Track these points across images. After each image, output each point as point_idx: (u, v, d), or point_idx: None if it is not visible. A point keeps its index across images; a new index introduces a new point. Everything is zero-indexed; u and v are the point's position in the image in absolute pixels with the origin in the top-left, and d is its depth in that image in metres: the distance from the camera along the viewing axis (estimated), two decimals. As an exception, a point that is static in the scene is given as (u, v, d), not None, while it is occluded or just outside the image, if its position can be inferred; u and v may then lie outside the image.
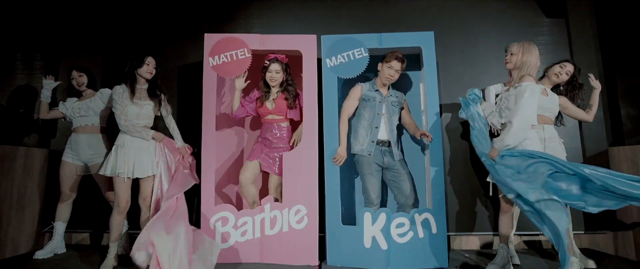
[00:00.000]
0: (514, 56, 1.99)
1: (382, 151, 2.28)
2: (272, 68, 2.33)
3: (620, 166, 2.56)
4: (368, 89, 2.34)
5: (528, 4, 2.98)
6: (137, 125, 2.17)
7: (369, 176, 2.25)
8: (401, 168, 2.30)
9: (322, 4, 3.04)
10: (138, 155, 2.12)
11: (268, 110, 2.37)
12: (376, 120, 2.28)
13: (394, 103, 2.35)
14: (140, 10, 3.09)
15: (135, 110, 2.17)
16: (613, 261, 2.31)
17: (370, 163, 2.25)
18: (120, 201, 2.12)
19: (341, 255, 2.19)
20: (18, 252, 2.50)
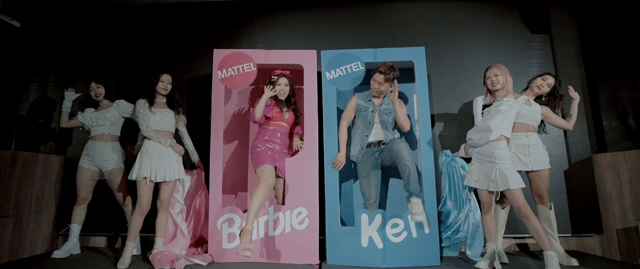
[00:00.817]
0: (500, 77, 2.16)
1: (375, 151, 2.42)
2: (281, 82, 2.48)
3: (603, 172, 2.72)
4: (362, 99, 2.49)
5: (514, 21, 3.19)
6: (163, 131, 2.38)
7: (363, 179, 2.43)
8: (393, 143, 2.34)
9: (322, 20, 3.25)
10: (160, 161, 2.31)
11: (282, 116, 2.51)
12: (368, 129, 2.42)
13: (385, 112, 2.46)
14: (151, 25, 3.30)
15: (157, 118, 2.38)
16: (599, 262, 2.44)
17: (364, 167, 2.42)
18: (142, 204, 2.29)
19: (340, 255, 2.33)
20: (35, 252, 2.65)
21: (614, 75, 2.98)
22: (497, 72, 2.17)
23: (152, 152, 2.31)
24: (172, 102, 2.50)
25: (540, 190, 2.36)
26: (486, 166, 2.10)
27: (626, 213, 2.50)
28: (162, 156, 2.32)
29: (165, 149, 2.35)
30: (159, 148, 2.34)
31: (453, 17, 3.22)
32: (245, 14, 3.30)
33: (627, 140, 2.87)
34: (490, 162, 2.08)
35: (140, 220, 2.33)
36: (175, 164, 2.38)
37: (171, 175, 2.33)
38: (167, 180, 2.33)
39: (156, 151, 2.32)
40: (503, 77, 2.16)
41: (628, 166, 2.51)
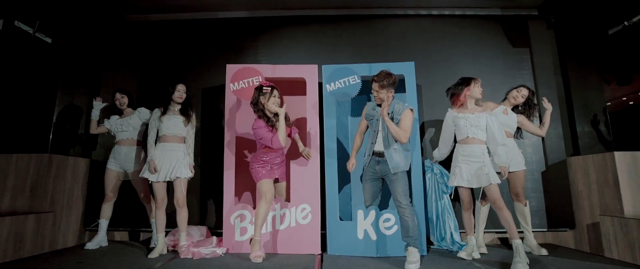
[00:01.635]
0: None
1: (377, 161, 2.47)
2: (276, 93, 2.56)
3: (576, 173, 3.04)
4: (370, 108, 2.58)
5: (497, 36, 3.50)
6: (170, 135, 2.65)
7: (364, 183, 2.60)
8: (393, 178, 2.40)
9: (322, 35, 3.56)
10: (170, 163, 2.59)
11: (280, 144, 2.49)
12: (373, 136, 2.50)
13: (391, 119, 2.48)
14: (166, 40, 3.62)
15: (167, 124, 2.65)
16: (568, 253, 2.74)
17: (367, 172, 2.55)
18: (157, 200, 2.61)
19: (339, 246, 2.64)
20: (67, 245, 2.97)
21: (587, 85, 3.27)
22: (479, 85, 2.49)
23: (164, 154, 2.60)
24: (185, 109, 2.76)
25: (517, 188, 2.67)
26: (473, 166, 2.38)
27: (594, 210, 2.81)
28: (170, 158, 2.60)
29: (172, 151, 2.62)
30: (166, 150, 2.61)
31: (442, 31, 3.54)
32: (251, 29, 3.61)
33: (599, 144, 3.17)
34: (478, 162, 2.37)
35: (161, 213, 2.61)
36: (182, 163, 2.63)
37: (176, 174, 2.58)
38: (173, 178, 2.58)
39: (165, 154, 2.60)
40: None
41: (595, 168, 2.82)
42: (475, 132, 2.40)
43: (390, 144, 2.43)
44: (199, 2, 3.54)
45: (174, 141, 2.65)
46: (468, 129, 2.43)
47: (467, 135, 2.42)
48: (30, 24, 3.00)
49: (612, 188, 2.64)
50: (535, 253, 2.59)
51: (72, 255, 2.60)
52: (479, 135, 2.40)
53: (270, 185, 2.50)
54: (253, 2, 3.54)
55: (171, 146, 2.63)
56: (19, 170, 2.80)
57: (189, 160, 2.70)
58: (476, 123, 2.41)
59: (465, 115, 2.45)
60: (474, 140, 2.41)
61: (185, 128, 2.72)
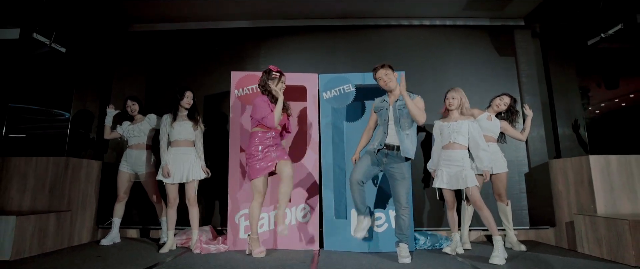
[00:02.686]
0: (455, 100, 2.65)
1: (386, 154, 2.51)
2: (283, 79, 2.69)
3: (557, 174, 3.26)
4: (379, 101, 2.67)
5: (485, 45, 3.71)
6: (181, 140, 2.85)
7: (359, 162, 2.59)
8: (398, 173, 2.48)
9: (320, 45, 3.77)
10: (182, 165, 2.80)
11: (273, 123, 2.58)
12: (384, 127, 2.57)
13: (400, 108, 2.54)
14: (172, 49, 3.83)
15: (178, 129, 2.85)
16: (549, 249, 2.96)
17: (369, 154, 2.57)
18: (169, 199, 2.82)
19: (335, 242, 2.86)
20: (82, 241, 3.20)
21: (568, 91, 3.47)
22: (454, 95, 2.66)
23: (173, 159, 2.80)
24: (192, 114, 2.96)
25: (500, 189, 2.89)
26: (454, 169, 2.58)
27: (572, 209, 3.03)
28: (183, 161, 2.81)
29: (185, 154, 2.83)
30: (179, 154, 2.82)
31: (432, 41, 3.75)
32: (253, 39, 3.81)
33: (579, 147, 3.39)
34: (458, 166, 2.57)
35: (172, 212, 2.82)
36: (194, 167, 2.83)
37: (190, 176, 2.80)
38: (188, 180, 2.80)
39: (178, 158, 2.81)
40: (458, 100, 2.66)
41: (573, 170, 3.04)
42: (456, 137, 2.60)
43: (403, 128, 2.50)
44: (203, 13, 3.74)
45: (185, 145, 2.86)
46: (450, 135, 2.63)
47: (449, 141, 2.62)
48: (47, 35, 3.21)
49: (587, 189, 2.86)
50: (516, 249, 2.82)
51: (90, 250, 2.83)
52: (459, 140, 2.59)
53: (261, 183, 2.58)
54: (255, 12, 3.74)
55: (183, 150, 2.84)
56: (38, 172, 3.02)
57: (201, 163, 2.90)
58: (457, 129, 2.61)
59: (448, 124, 2.67)
60: (454, 145, 2.60)
61: (195, 132, 2.91)
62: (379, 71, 2.58)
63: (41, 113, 3.30)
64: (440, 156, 2.69)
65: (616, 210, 2.76)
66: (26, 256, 2.55)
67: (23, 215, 2.55)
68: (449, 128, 2.64)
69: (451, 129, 2.64)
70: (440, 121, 2.75)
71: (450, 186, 2.61)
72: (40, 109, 3.30)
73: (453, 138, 2.61)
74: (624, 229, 2.33)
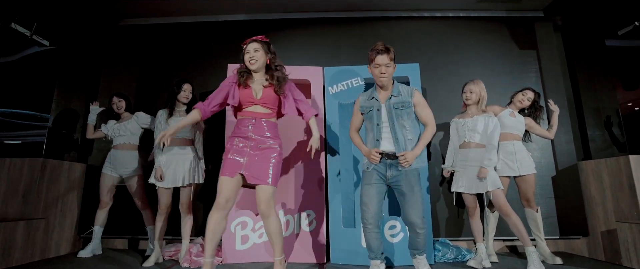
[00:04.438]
0: (473, 93, 2.43)
1: (388, 165, 1.99)
2: (250, 48, 1.96)
3: (588, 178, 2.93)
4: (365, 99, 2.11)
5: (503, 38, 3.43)
6: (177, 138, 2.50)
7: (367, 188, 1.99)
8: (405, 185, 1.95)
9: (325, 37, 3.50)
10: (176, 167, 2.47)
11: (252, 98, 1.93)
12: (377, 132, 2.01)
13: (397, 105, 2.00)
14: (166, 43, 3.57)
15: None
16: (584, 262, 2.62)
17: (371, 174, 2.01)
18: (160, 206, 2.49)
19: (342, 254, 2.52)
20: (60, 253, 2.86)
21: (596, 87, 3.19)
22: (472, 89, 2.43)
23: (168, 161, 2.48)
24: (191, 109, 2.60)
25: (527, 193, 2.56)
26: (473, 171, 2.33)
27: (608, 216, 2.69)
28: (179, 162, 2.48)
29: (181, 155, 2.50)
30: (174, 155, 2.49)
31: (446, 34, 3.47)
32: (251, 32, 3.51)
33: (612, 147, 3.07)
34: (475, 167, 2.32)
35: (161, 220, 2.49)
36: (192, 169, 2.51)
37: (187, 179, 2.48)
38: (183, 185, 2.48)
39: (173, 159, 2.49)
40: (476, 94, 2.42)
41: (609, 172, 2.71)
42: (472, 135, 2.39)
43: (401, 134, 1.96)
44: (199, 6, 3.49)
45: (182, 144, 2.53)
46: (465, 133, 2.42)
47: (464, 140, 2.42)
48: (28, 26, 2.95)
49: (628, 193, 2.52)
50: (549, 262, 2.47)
51: (63, 264, 2.49)
52: (475, 138, 2.38)
53: (227, 187, 1.82)
54: (252, 5, 3.49)
55: (179, 150, 2.51)
56: (12, 175, 2.70)
57: (202, 165, 2.62)
58: (472, 126, 2.40)
59: (464, 120, 2.46)
60: (470, 145, 2.39)
61: (193, 130, 2.61)
62: (381, 56, 1.95)
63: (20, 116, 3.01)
64: (456, 157, 2.46)
65: (664, 217, 2.43)
66: (-14, 271, 2.22)
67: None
68: (464, 126, 2.42)
69: (466, 127, 2.42)
70: (457, 117, 2.54)
71: (469, 190, 2.35)
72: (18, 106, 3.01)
73: (468, 137, 2.40)
74: (683, 239, 1.99)
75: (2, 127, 2.96)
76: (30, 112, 3.03)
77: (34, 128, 3.02)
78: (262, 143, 1.91)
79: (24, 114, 3.03)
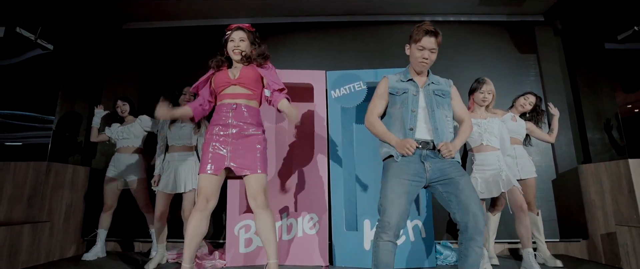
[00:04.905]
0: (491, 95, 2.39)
1: (424, 156, 1.63)
2: (234, 36, 1.83)
3: (588, 181, 2.95)
4: (397, 80, 1.78)
5: (504, 42, 3.46)
6: (179, 146, 2.53)
7: (394, 182, 1.57)
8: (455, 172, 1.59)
9: (328, 41, 3.53)
10: (178, 172, 2.45)
11: (228, 78, 1.78)
12: (411, 120, 1.67)
13: (437, 93, 1.73)
14: (168, 46, 3.60)
15: (176, 133, 2.54)
16: (584, 265, 2.64)
17: (402, 168, 1.60)
18: (157, 211, 2.44)
19: (345, 257, 2.54)
20: (64, 256, 2.88)
21: (596, 91, 3.22)
22: (491, 89, 2.38)
23: (171, 165, 2.47)
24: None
25: (528, 197, 2.58)
26: (488, 174, 2.27)
27: (608, 219, 2.72)
28: (180, 168, 2.45)
29: (182, 160, 2.47)
30: (179, 160, 2.49)
31: (447, 38, 3.44)
32: (257, 35, 3.58)
33: (612, 151, 3.10)
34: (493, 170, 2.27)
35: (159, 226, 2.45)
36: (194, 175, 2.44)
37: (188, 185, 2.43)
38: (184, 191, 2.43)
39: (175, 164, 2.48)
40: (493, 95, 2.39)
41: (608, 175, 2.74)
42: (489, 138, 2.31)
43: (442, 124, 1.66)
44: (200, 9, 3.52)
45: (182, 150, 2.53)
46: (482, 136, 2.32)
47: (481, 143, 2.32)
48: (33, 30, 2.97)
49: (628, 197, 2.55)
50: (550, 265, 2.49)
51: (67, 267, 2.51)
52: (492, 142, 2.30)
53: (204, 183, 1.69)
54: (256, 8, 3.52)
55: (179, 157, 2.50)
56: (17, 179, 2.73)
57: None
58: (489, 129, 2.32)
59: (477, 121, 2.35)
60: (486, 148, 2.31)
61: (195, 137, 2.56)
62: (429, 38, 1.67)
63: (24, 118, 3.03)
64: (471, 161, 2.37)
65: (663, 221, 2.45)
66: (-6, 274, 2.24)
67: (-8, 227, 2.25)
68: (479, 127, 2.31)
69: (482, 128, 2.30)
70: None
71: (489, 195, 2.26)
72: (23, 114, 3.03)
73: (486, 140, 2.30)
74: (682, 243, 2.02)
75: (4, 129, 2.97)
76: (31, 113, 3.05)
77: (34, 129, 3.04)
78: (244, 130, 1.74)
79: (25, 116, 3.05)
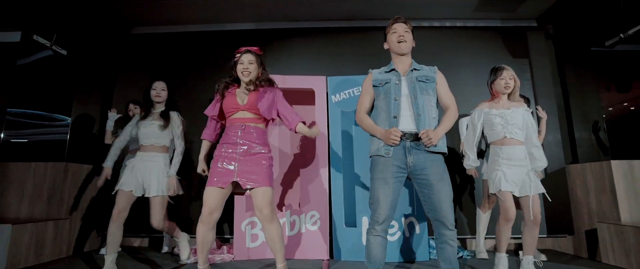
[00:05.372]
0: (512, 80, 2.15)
1: (407, 148, 1.67)
2: (244, 59, 1.95)
3: (575, 180, 3.13)
4: (380, 72, 1.85)
5: (497, 47, 3.61)
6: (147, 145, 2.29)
7: (380, 183, 1.66)
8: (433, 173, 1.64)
9: (327, 47, 3.68)
10: (143, 175, 2.22)
11: (237, 104, 1.90)
12: (394, 108, 1.70)
13: (421, 79, 1.76)
14: (176, 51, 3.76)
15: (145, 132, 2.30)
16: (571, 259, 2.82)
17: (385, 165, 1.67)
18: (113, 211, 2.18)
19: (345, 251, 2.73)
20: (82, 251, 3.08)
21: (584, 94, 3.37)
22: (513, 74, 2.16)
23: (136, 165, 2.25)
24: (167, 110, 2.37)
25: None
26: (517, 171, 2.02)
27: (592, 216, 2.90)
28: (146, 171, 2.22)
29: (150, 163, 2.24)
30: (144, 162, 2.25)
31: (443, 43, 3.65)
32: (258, 41, 3.70)
33: (598, 152, 3.25)
34: (522, 167, 2.03)
35: (114, 229, 2.15)
36: (162, 179, 2.23)
37: (151, 191, 2.20)
38: (149, 195, 2.21)
39: (140, 165, 2.24)
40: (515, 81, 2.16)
41: (593, 175, 2.91)
42: (513, 131, 2.05)
43: (424, 110, 1.68)
44: (207, 15, 3.66)
45: (153, 151, 2.29)
46: (505, 128, 2.06)
47: (505, 136, 2.05)
48: (48, 37, 3.12)
49: (609, 196, 2.73)
50: (535, 258, 2.66)
51: (87, 260, 2.70)
52: (517, 135, 2.04)
53: (209, 196, 1.81)
54: (260, 14, 3.66)
55: (149, 156, 2.28)
56: (37, 178, 2.91)
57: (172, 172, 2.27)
58: (513, 120, 2.06)
59: (500, 111, 2.09)
60: (512, 141, 2.04)
61: (164, 134, 2.30)
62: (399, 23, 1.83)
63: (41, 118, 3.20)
64: (496, 154, 2.08)
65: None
66: (22, 266, 2.43)
67: (19, 224, 2.43)
68: (502, 118, 2.06)
69: (505, 120, 2.05)
70: (486, 107, 2.15)
71: (522, 193, 2.01)
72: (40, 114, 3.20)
73: (509, 133, 2.04)
74: (654, 239, 2.20)
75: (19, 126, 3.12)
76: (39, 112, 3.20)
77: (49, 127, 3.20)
78: (251, 148, 1.85)
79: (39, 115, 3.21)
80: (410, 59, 1.86)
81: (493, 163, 2.09)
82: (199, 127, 3.49)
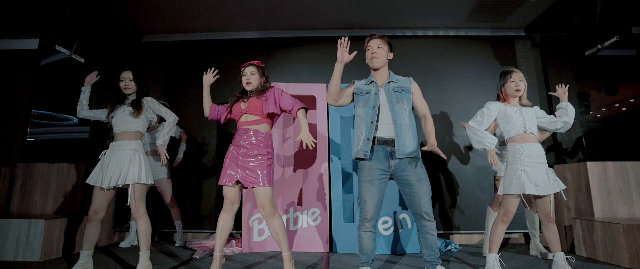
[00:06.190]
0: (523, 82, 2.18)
1: (389, 152, 1.90)
2: (247, 71, 2.17)
3: (556, 180, 3.38)
4: (362, 83, 2.08)
5: (487, 55, 3.85)
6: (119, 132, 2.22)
7: (366, 184, 1.88)
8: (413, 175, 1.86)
9: (328, 54, 3.92)
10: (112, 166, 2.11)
11: (240, 109, 2.12)
12: (373, 114, 1.92)
13: (397, 89, 1.98)
14: (184, 58, 4.00)
15: (116, 121, 2.25)
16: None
17: (370, 169, 1.89)
18: (90, 209, 2.12)
19: (344, 244, 3.00)
20: (100, 245, 3.34)
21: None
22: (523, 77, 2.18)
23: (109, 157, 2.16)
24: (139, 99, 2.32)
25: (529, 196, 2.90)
26: (538, 169, 2.00)
27: (571, 213, 3.16)
28: (115, 161, 2.12)
29: (120, 152, 2.14)
30: (116, 151, 2.16)
31: (435, 51, 3.89)
32: (262, 49, 3.97)
33: (579, 154, 3.50)
34: (542, 164, 2.02)
35: (90, 228, 2.12)
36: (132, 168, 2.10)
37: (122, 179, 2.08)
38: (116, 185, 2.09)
39: (117, 154, 2.14)
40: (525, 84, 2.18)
41: (573, 175, 3.17)
42: (532, 127, 2.05)
43: (400, 117, 1.90)
44: (214, 24, 3.90)
45: (124, 139, 2.20)
46: (525, 123, 2.05)
47: (525, 130, 2.04)
48: (68, 46, 3.36)
49: (585, 194, 2.99)
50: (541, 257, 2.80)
51: (110, 251, 2.96)
52: (535, 131, 2.06)
53: (227, 191, 2.03)
54: (263, 23, 3.90)
55: (120, 145, 2.18)
56: (60, 178, 3.17)
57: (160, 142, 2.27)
58: (529, 117, 2.08)
59: (516, 109, 2.11)
60: (532, 137, 2.04)
61: (137, 120, 2.24)
62: (373, 40, 2.05)
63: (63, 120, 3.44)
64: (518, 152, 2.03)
65: (613, 215, 2.89)
66: (54, 257, 2.69)
67: (50, 219, 2.69)
68: (521, 114, 2.06)
69: (524, 115, 2.06)
70: (502, 105, 2.17)
71: (544, 191, 1.97)
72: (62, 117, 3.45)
73: (528, 127, 2.04)
74: (618, 232, 2.46)
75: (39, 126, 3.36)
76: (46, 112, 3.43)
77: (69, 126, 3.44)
78: (253, 150, 2.02)
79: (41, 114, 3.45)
80: (387, 72, 2.07)
81: (514, 162, 2.02)
82: (207, 132, 3.77)
